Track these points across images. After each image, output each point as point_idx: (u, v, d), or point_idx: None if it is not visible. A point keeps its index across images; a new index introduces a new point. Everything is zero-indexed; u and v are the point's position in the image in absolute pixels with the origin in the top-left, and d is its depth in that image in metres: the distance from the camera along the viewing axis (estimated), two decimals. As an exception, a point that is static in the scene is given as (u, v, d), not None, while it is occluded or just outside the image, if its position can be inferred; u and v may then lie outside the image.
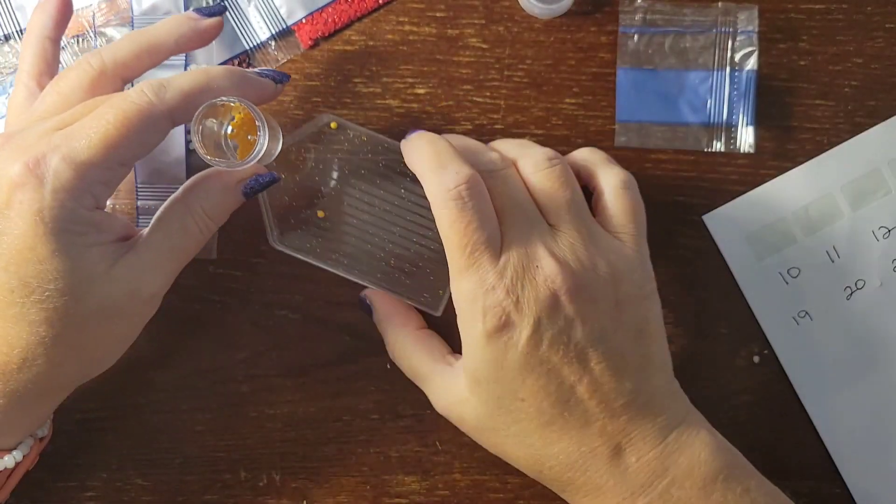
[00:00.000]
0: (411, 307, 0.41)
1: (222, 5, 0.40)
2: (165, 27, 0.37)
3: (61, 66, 0.44)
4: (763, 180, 0.42)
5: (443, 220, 0.34)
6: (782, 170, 0.42)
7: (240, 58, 0.44)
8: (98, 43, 0.43)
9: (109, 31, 0.43)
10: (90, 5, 0.44)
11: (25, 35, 0.38)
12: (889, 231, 0.42)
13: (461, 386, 0.36)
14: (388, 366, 0.42)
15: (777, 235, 0.42)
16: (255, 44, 0.44)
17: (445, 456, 0.42)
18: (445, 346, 0.40)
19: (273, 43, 0.44)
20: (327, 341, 0.42)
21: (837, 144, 0.42)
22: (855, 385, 0.42)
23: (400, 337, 0.40)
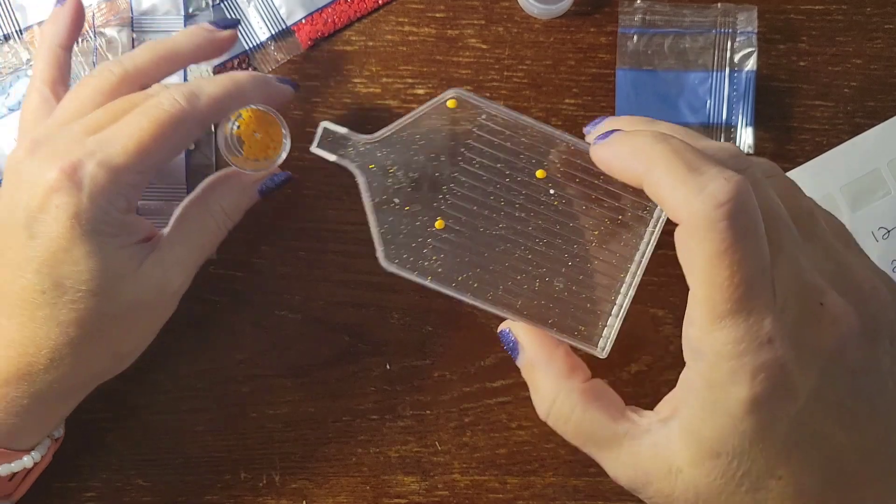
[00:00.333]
0: (570, 348, 0.33)
1: (236, 19, 0.41)
2: (183, 38, 0.38)
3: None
4: (762, 181, 0.42)
5: (706, 249, 0.25)
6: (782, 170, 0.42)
7: (239, 58, 0.44)
8: (98, 43, 0.44)
9: (109, 32, 0.44)
10: (90, 5, 0.44)
11: (39, 44, 0.39)
12: (888, 232, 0.42)
13: (673, 454, 0.28)
14: (388, 366, 0.42)
15: (776, 236, 0.42)
16: (255, 44, 0.44)
17: (445, 456, 0.42)
18: (619, 398, 0.32)
19: (273, 43, 0.44)
20: (327, 341, 0.42)
21: (837, 145, 0.42)
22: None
23: (564, 391, 0.31)
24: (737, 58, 0.42)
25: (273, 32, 0.43)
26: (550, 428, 0.32)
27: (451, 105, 0.32)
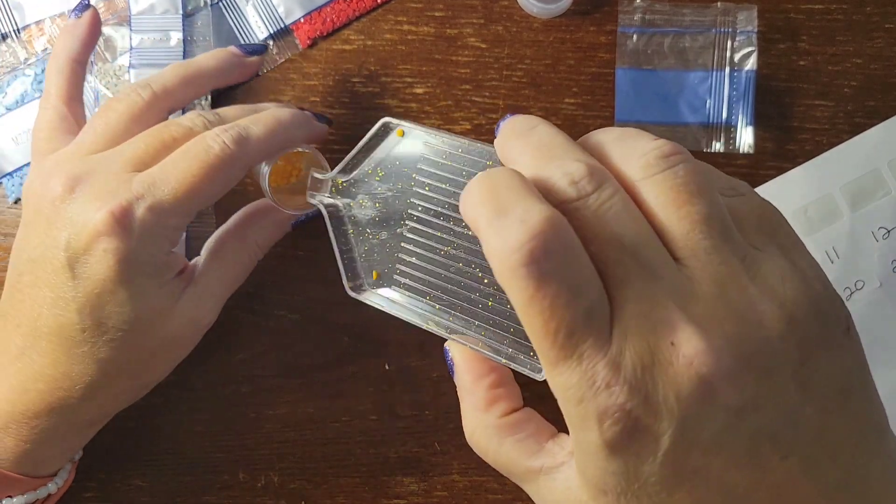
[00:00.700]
0: (507, 377, 0.32)
1: (264, 44, 0.41)
2: (210, 61, 0.38)
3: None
4: (762, 181, 0.42)
5: (514, 298, 0.24)
6: (782, 170, 0.42)
7: (238, 57, 0.44)
8: (96, 42, 0.43)
9: (107, 30, 0.43)
10: (88, 5, 0.43)
11: (53, 57, 0.38)
12: (888, 231, 0.42)
13: (579, 489, 0.27)
14: (387, 366, 0.42)
15: (776, 236, 0.42)
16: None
17: (444, 457, 0.42)
18: (547, 428, 0.30)
19: (271, 42, 0.43)
20: (326, 342, 0.42)
21: (837, 145, 0.42)
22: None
23: (481, 426, 0.30)
24: (737, 57, 0.42)
25: (271, 31, 0.43)
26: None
27: (400, 134, 0.33)
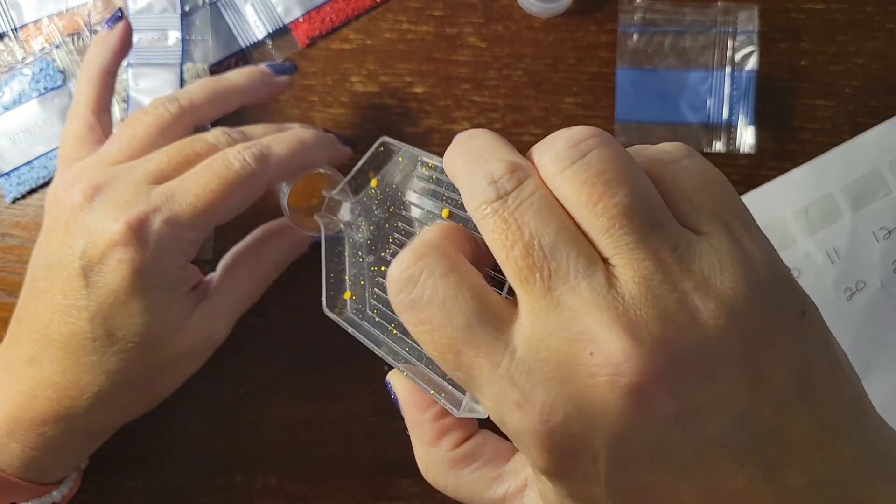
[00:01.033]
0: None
1: (294, 65, 0.41)
2: (240, 78, 0.38)
3: (52, 62, 0.43)
4: (763, 181, 0.42)
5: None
6: (783, 170, 0.42)
7: (236, 56, 0.43)
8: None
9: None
10: (86, 4, 0.43)
11: (84, 67, 0.38)
12: (889, 232, 0.42)
13: None
14: (386, 368, 0.42)
15: (777, 236, 0.42)
16: (252, 42, 0.43)
17: (443, 458, 0.42)
18: (506, 449, 0.28)
19: (270, 42, 0.43)
20: (324, 343, 0.42)
21: (838, 145, 0.42)
22: (855, 387, 0.42)
23: (433, 462, 0.29)
24: (737, 57, 0.42)
25: (270, 31, 0.43)
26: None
27: (400, 157, 0.31)
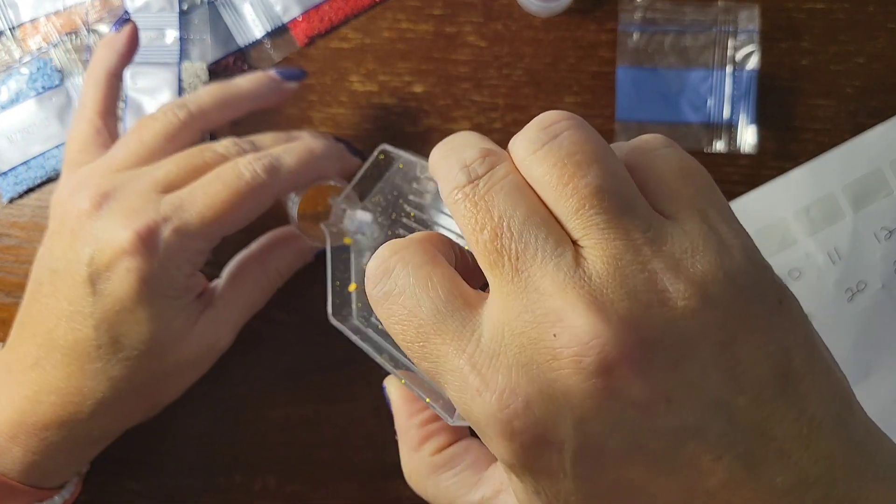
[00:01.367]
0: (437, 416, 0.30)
1: (303, 71, 0.41)
2: (248, 84, 0.38)
3: (49, 62, 0.43)
4: (764, 180, 0.42)
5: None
6: (783, 170, 0.42)
7: (234, 56, 0.43)
8: (91, 40, 0.43)
9: (103, 28, 0.43)
10: (83, 2, 0.43)
11: (90, 70, 0.38)
12: (891, 232, 0.42)
13: None
14: (385, 373, 0.41)
15: (778, 236, 0.42)
16: (250, 42, 0.43)
17: (443, 459, 0.41)
18: (487, 456, 0.29)
19: (268, 41, 0.43)
20: (325, 346, 0.42)
21: (839, 144, 0.42)
22: (856, 388, 0.41)
23: (415, 466, 0.30)
24: (738, 56, 0.42)
25: (269, 30, 0.43)
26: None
27: (401, 164, 0.32)
